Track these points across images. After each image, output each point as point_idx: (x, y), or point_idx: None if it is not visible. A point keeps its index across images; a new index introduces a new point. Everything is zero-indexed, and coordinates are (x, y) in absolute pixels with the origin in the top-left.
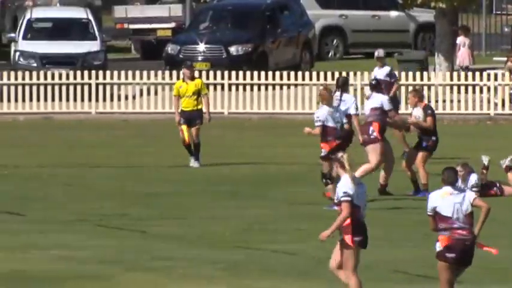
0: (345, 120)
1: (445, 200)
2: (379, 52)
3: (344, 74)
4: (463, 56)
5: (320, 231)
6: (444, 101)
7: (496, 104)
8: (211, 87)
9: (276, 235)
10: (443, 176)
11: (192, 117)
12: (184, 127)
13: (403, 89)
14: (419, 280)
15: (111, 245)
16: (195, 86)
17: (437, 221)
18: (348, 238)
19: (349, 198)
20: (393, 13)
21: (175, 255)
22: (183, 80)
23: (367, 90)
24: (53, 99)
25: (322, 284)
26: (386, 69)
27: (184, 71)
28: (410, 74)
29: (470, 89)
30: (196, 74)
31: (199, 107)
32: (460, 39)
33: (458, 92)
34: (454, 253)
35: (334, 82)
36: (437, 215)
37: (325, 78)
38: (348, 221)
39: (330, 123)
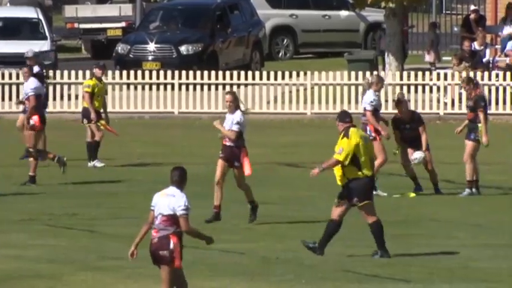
0: None
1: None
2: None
3: (294, 73)
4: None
5: (270, 230)
6: (394, 100)
7: (445, 104)
8: (161, 87)
9: (225, 235)
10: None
11: (100, 117)
12: (103, 122)
13: (352, 88)
14: (368, 280)
15: (60, 244)
16: (104, 86)
17: None
18: None
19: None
20: (343, 13)
21: (124, 254)
22: (97, 79)
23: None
24: (2, 99)
25: (271, 284)
26: None
27: (97, 70)
28: (360, 73)
29: (420, 88)
30: (147, 73)
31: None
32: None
33: (408, 91)
34: None
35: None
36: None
37: (275, 78)
38: None
39: None
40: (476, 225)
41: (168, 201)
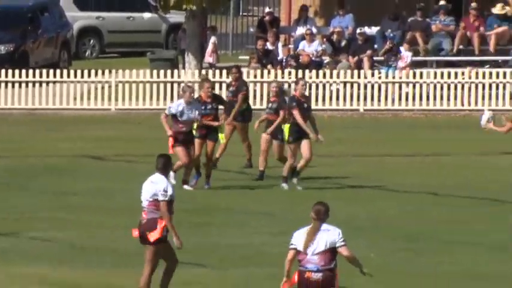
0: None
1: None
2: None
3: (100, 72)
4: (211, 54)
5: (79, 220)
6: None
7: None
8: None
9: (36, 223)
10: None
11: None
12: None
13: (154, 86)
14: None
15: None
16: None
17: None
18: None
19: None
20: (146, 15)
21: None
22: None
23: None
24: None
25: (77, 269)
26: None
27: None
28: (162, 72)
29: (217, 85)
30: None
31: None
32: (214, 39)
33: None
34: None
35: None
36: None
37: (82, 76)
38: None
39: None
40: (269, 214)
41: (153, 186)
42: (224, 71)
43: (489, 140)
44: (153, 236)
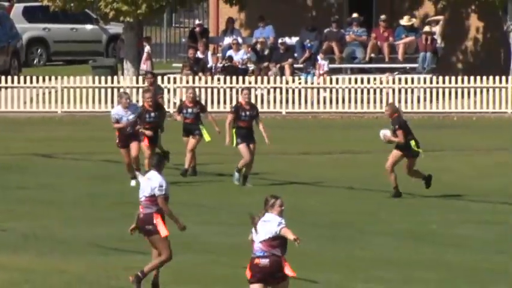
0: None
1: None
2: None
3: (47, 78)
4: (145, 62)
5: (30, 212)
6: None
7: (175, 104)
8: None
9: None
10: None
11: None
12: None
13: (96, 90)
14: (114, 253)
15: None
16: None
17: None
18: None
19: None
20: (88, 26)
21: None
22: None
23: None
24: None
25: (31, 256)
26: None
27: None
28: (103, 78)
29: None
30: None
31: None
32: (148, 48)
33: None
34: None
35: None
36: None
37: (31, 82)
38: None
39: None
40: (201, 205)
41: (148, 183)
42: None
43: None
44: (163, 233)
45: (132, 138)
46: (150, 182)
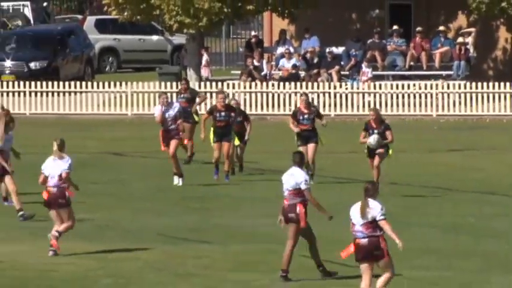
0: None
1: None
2: None
3: (118, 83)
4: (204, 68)
5: (103, 204)
6: None
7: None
8: (16, 94)
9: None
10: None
11: None
12: None
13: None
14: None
15: None
16: None
17: None
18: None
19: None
20: (154, 37)
21: None
22: None
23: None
24: None
25: (105, 245)
26: None
27: None
28: (168, 83)
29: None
30: (5, 84)
31: None
32: (206, 57)
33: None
34: None
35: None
36: None
37: (103, 87)
38: None
39: None
40: (263, 199)
41: (292, 178)
42: (218, 83)
43: (437, 140)
44: (302, 224)
45: (173, 135)
46: (294, 177)
